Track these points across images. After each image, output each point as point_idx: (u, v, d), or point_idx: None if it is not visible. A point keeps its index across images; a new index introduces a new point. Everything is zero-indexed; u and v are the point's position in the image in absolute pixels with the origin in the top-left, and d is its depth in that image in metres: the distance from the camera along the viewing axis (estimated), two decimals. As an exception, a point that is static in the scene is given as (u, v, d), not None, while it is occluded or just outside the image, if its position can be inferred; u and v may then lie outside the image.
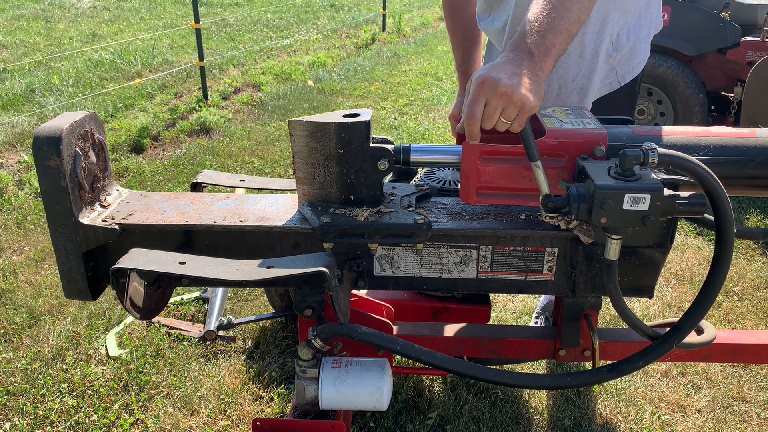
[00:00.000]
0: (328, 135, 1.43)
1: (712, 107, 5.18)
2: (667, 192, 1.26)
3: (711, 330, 1.67)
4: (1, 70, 7.53)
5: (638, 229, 1.28)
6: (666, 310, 3.11)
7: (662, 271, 3.52)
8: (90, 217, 1.49)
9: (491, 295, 2.89)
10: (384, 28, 11.29)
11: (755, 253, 3.66)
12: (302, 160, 1.48)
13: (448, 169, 1.98)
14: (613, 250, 1.33)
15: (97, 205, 1.55)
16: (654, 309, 3.11)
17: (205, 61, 6.68)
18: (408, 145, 1.49)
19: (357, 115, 1.45)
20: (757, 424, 2.38)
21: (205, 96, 6.67)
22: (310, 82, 7.64)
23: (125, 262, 1.33)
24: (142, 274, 1.45)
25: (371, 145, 1.45)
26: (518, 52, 1.32)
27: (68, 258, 1.49)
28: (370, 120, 1.44)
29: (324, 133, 1.43)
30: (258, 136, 5.72)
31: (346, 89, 7.42)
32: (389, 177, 2.23)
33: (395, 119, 6.36)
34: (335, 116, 1.45)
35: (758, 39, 4.61)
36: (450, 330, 1.84)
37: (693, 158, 1.25)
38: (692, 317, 1.39)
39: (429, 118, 6.39)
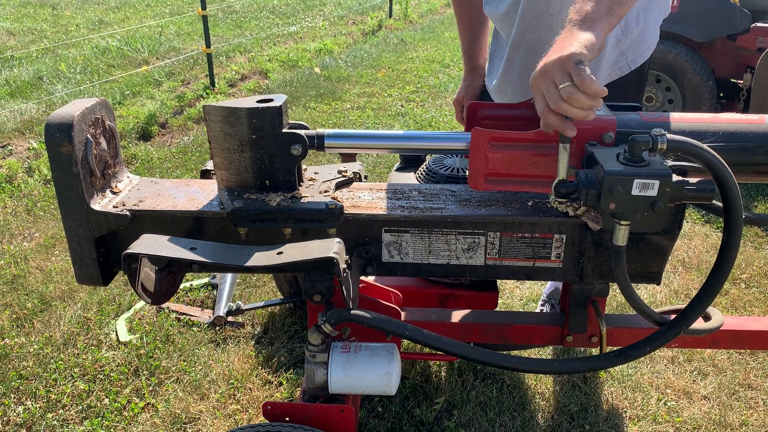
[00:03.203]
0: (240, 120, 1.44)
1: (721, 94, 5.15)
2: (675, 178, 1.26)
3: (718, 316, 1.68)
4: (8, 58, 7.55)
5: (646, 214, 1.29)
6: (673, 297, 3.11)
7: (669, 258, 3.53)
8: (101, 203, 1.51)
9: (498, 282, 2.91)
10: (391, 15, 11.23)
11: (763, 240, 3.65)
12: (218, 146, 1.49)
13: (455, 156, 1.99)
14: (621, 235, 1.33)
15: (108, 191, 1.56)
16: (661, 296, 3.11)
17: (212, 48, 6.67)
18: (323, 131, 1.50)
19: (270, 100, 1.46)
20: (763, 410, 2.39)
21: (213, 83, 6.67)
22: (317, 69, 7.63)
23: (137, 247, 1.35)
24: (154, 259, 1.47)
25: (284, 130, 1.46)
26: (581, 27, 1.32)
27: (80, 244, 1.51)
28: (283, 106, 1.45)
29: (236, 119, 1.44)
30: (265, 124, 5.72)
31: (353, 76, 7.40)
32: (397, 164, 2.24)
33: (402, 106, 6.34)
34: (249, 101, 1.46)
35: (769, 25, 4.57)
36: (457, 316, 1.85)
37: (702, 144, 1.25)
38: (700, 303, 1.40)
39: (436, 105, 6.37)
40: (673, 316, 1.46)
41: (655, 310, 1.46)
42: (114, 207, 1.51)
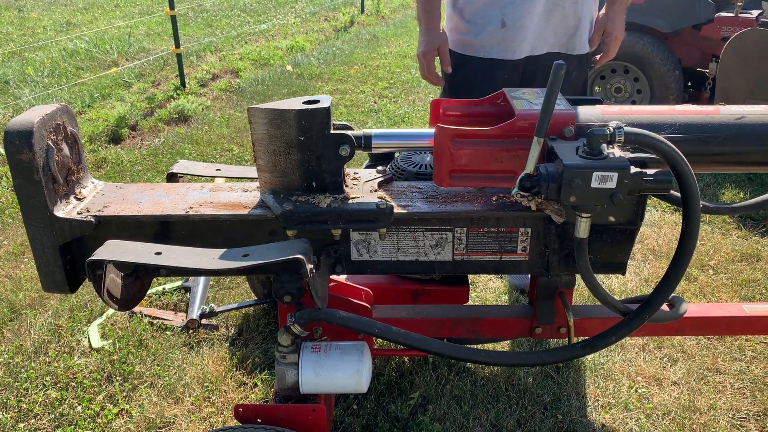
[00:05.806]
0: (288, 122, 1.43)
1: (689, 83, 5.23)
2: (633, 170, 1.29)
3: (682, 304, 1.71)
4: (-27, 62, 7.40)
5: (607, 206, 1.31)
6: (643, 285, 3.16)
7: (639, 247, 3.58)
8: (65, 210, 1.50)
9: (471, 276, 2.92)
10: (363, 10, 11.22)
11: (730, 227, 3.72)
12: (263, 148, 1.48)
13: (424, 153, 2.00)
14: (582, 228, 1.35)
15: (72, 198, 1.55)
16: (631, 285, 3.16)
17: (181, 48, 6.61)
18: (370, 131, 1.51)
19: (317, 101, 1.46)
20: (731, 394, 2.44)
21: (183, 83, 6.61)
22: (289, 67, 7.60)
23: (101, 253, 1.34)
24: (119, 265, 1.46)
25: (332, 131, 1.46)
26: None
27: (45, 251, 1.50)
28: (330, 106, 1.45)
29: (284, 120, 1.44)
30: (237, 123, 5.69)
31: (325, 73, 7.38)
32: (367, 162, 2.25)
33: (375, 103, 6.35)
34: (295, 103, 1.46)
35: (732, 15, 4.65)
36: (428, 312, 1.86)
37: (659, 136, 1.28)
38: (662, 292, 1.43)
39: (409, 101, 6.39)
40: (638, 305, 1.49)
41: (618, 300, 1.49)
42: (78, 213, 1.50)
